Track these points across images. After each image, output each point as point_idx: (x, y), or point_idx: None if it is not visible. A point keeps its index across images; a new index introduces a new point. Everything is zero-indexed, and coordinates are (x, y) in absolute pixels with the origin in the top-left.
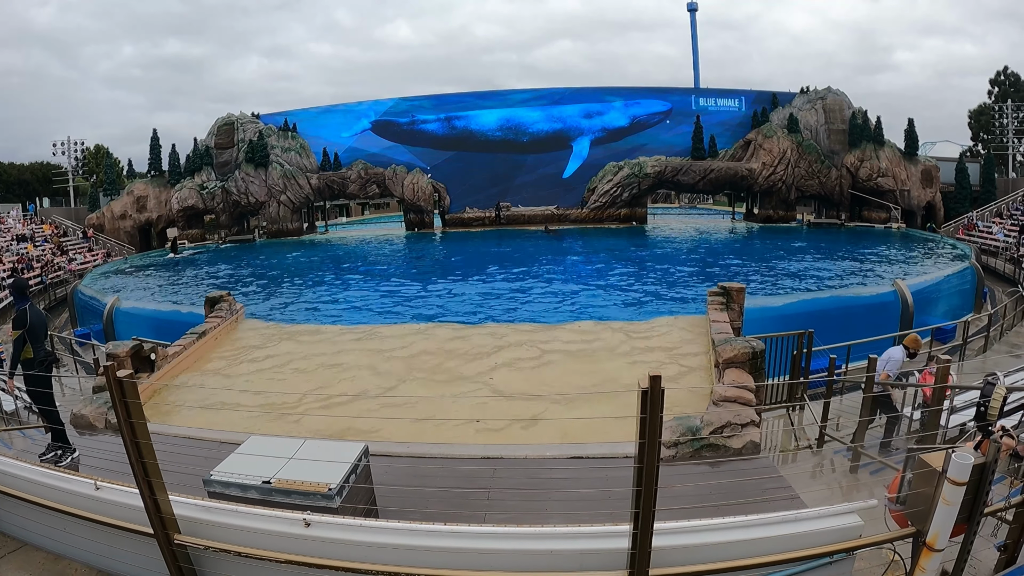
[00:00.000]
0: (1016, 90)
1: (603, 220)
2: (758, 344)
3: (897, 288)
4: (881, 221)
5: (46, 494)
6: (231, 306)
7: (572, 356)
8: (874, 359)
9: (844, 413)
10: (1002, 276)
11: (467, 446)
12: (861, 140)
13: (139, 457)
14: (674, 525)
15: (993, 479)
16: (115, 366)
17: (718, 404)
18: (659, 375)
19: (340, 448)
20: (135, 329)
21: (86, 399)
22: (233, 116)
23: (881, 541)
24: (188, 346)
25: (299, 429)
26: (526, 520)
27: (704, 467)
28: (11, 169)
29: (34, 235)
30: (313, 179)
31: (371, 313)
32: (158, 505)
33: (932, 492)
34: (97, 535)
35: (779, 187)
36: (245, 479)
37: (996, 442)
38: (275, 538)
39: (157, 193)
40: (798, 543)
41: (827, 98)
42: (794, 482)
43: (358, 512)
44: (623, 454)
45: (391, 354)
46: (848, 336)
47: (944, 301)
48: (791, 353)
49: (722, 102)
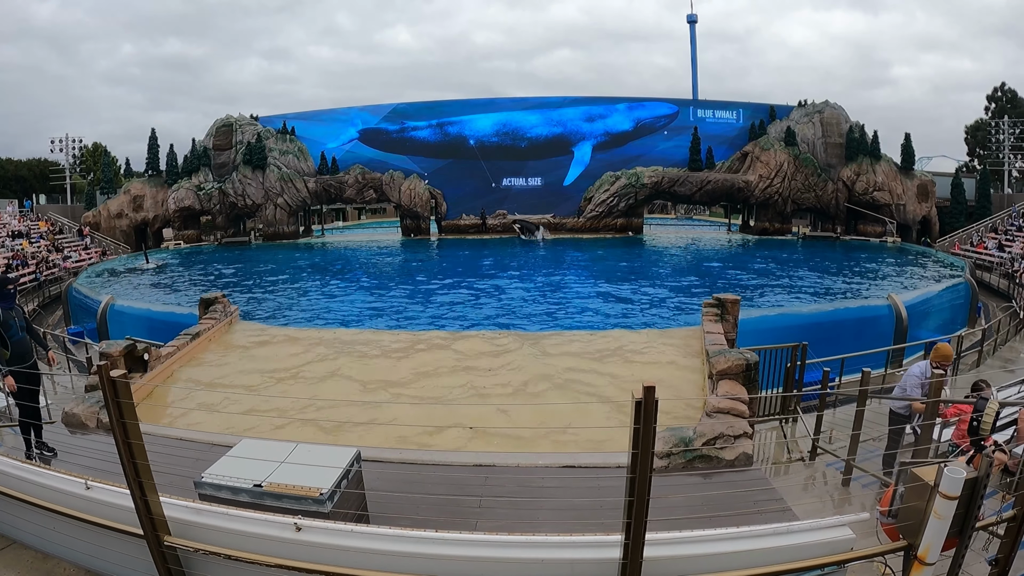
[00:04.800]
0: (1013, 106)
1: (599, 230)
2: (752, 356)
3: (891, 302)
4: (876, 235)
5: (36, 492)
6: (225, 308)
7: (564, 365)
8: (867, 372)
9: (837, 426)
10: (996, 291)
11: (459, 453)
12: (858, 154)
13: (130, 457)
14: (666, 536)
15: (985, 494)
16: (108, 366)
17: (711, 415)
18: (653, 386)
19: (332, 453)
20: (129, 329)
21: (78, 398)
22: (232, 118)
23: (872, 554)
24: (182, 347)
25: (291, 433)
26: (517, 528)
27: (696, 478)
28: (8, 165)
29: (30, 232)
30: (310, 183)
31: (365, 318)
32: (148, 506)
33: (924, 506)
34: (86, 535)
35: (775, 199)
36: (236, 482)
37: (988, 456)
38: (266, 542)
39: (154, 193)
40: (789, 555)
41: (825, 112)
42: (786, 494)
43: (349, 517)
44: (615, 464)
45: (385, 358)
46: (842, 349)
47: (938, 315)
48: (785, 365)
49: (720, 114)
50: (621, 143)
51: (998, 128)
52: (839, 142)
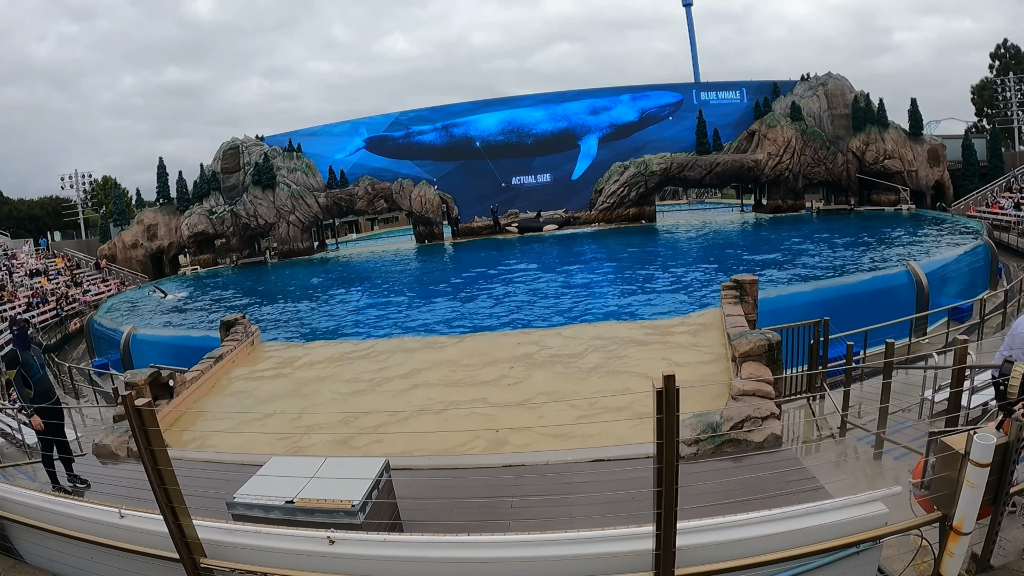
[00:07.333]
0: (1017, 62)
1: (612, 220)
2: (774, 336)
3: (911, 270)
4: (890, 204)
5: (71, 524)
6: (246, 329)
7: (588, 358)
8: (891, 343)
9: (865, 400)
10: (1015, 251)
11: (488, 455)
12: (865, 124)
13: (161, 484)
14: (698, 523)
15: (1017, 459)
16: (133, 395)
17: (737, 399)
18: (673, 374)
19: (361, 464)
20: (152, 356)
21: (107, 428)
22: (238, 140)
23: (907, 528)
24: (206, 370)
25: (319, 447)
26: (550, 526)
27: (726, 463)
28: (21, 205)
29: (47, 269)
30: (321, 197)
31: (382, 328)
32: (182, 530)
33: (956, 475)
34: (124, 563)
35: (786, 176)
36: (268, 500)
37: (1018, 420)
38: (300, 557)
39: (167, 220)
40: (823, 534)
41: (828, 84)
42: (818, 472)
43: (382, 527)
44: (645, 455)
45: (406, 367)
46: (864, 322)
47: (958, 280)
48: (808, 342)
49: (723, 95)
50: (627, 134)
51: (1004, 86)
52: (845, 113)
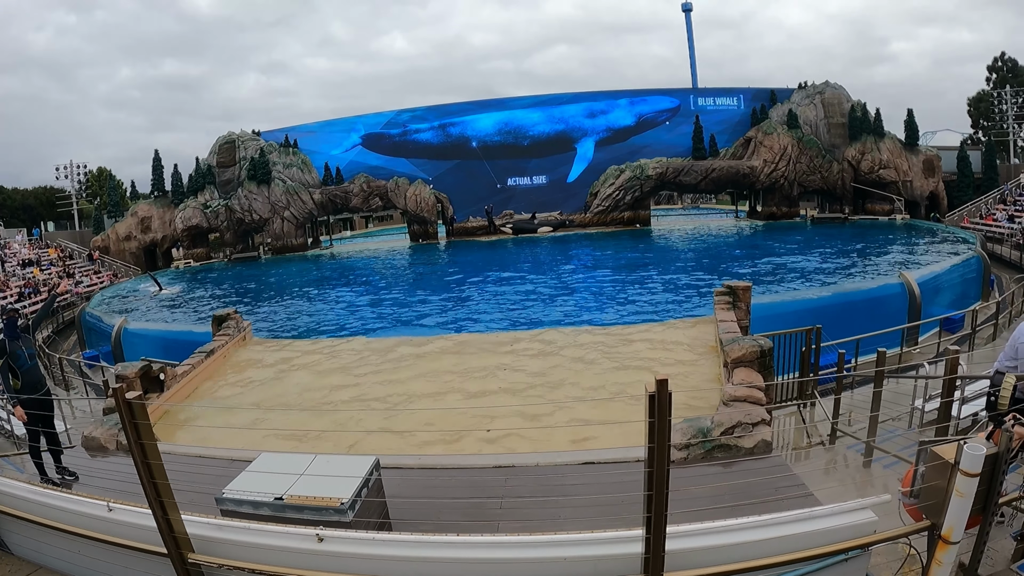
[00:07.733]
0: (1014, 75)
1: (607, 224)
2: (766, 342)
3: (903, 280)
4: (885, 213)
5: (59, 516)
6: (238, 324)
7: (580, 361)
8: (883, 352)
9: (855, 408)
10: (1008, 263)
11: (478, 456)
12: (861, 133)
13: (150, 478)
14: (688, 528)
15: (1007, 469)
16: (124, 388)
17: (728, 404)
18: (666, 379)
19: (351, 462)
20: (143, 349)
21: (97, 421)
22: (234, 134)
23: (896, 536)
24: (197, 365)
25: (309, 445)
26: (540, 528)
27: (716, 468)
28: (15, 194)
29: (40, 259)
30: (316, 194)
31: (375, 325)
32: (171, 525)
33: (945, 484)
34: (111, 556)
35: (781, 183)
36: (257, 496)
37: (1008, 431)
38: (289, 554)
39: (161, 213)
40: (812, 541)
41: (825, 92)
42: (807, 479)
43: (371, 526)
44: (635, 458)
45: (398, 366)
46: (856, 330)
47: (951, 290)
48: (799, 350)
49: (721, 101)
50: (623, 138)
51: (1000, 98)
52: (842, 122)
